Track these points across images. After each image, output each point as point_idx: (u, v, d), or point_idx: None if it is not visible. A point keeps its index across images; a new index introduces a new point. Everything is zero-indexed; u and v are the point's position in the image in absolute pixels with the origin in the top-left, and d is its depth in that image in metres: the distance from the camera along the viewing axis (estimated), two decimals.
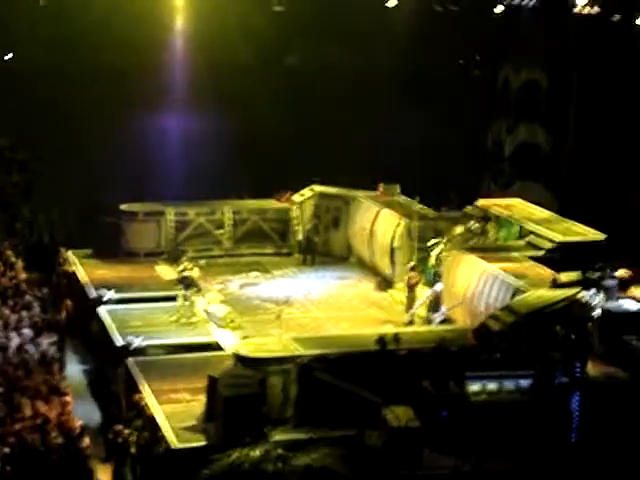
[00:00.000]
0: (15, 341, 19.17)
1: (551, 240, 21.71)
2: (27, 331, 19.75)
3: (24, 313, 20.82)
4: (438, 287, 21.46)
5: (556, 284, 19.00)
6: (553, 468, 15.76)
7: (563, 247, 21.48)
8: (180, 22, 32.90)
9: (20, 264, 23.71)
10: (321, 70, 32.93)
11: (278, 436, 15.92)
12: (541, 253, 21.43)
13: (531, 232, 22.38)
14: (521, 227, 23.00)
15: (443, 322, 20.97)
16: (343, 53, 33.49)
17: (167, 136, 30.14)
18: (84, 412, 18.02)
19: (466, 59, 36.59)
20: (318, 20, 34.88)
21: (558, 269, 19.65)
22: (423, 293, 22.02)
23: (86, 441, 15.92)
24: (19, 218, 27.86)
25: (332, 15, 34.57)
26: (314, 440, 15.30)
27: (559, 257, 21.17)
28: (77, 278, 23.65)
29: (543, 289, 18.87)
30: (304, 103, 31.89)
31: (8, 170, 30.46)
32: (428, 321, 20.98)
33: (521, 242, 22.46)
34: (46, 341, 19.68)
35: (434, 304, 21.22)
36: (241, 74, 31.66)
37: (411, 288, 22.34)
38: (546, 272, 19.94)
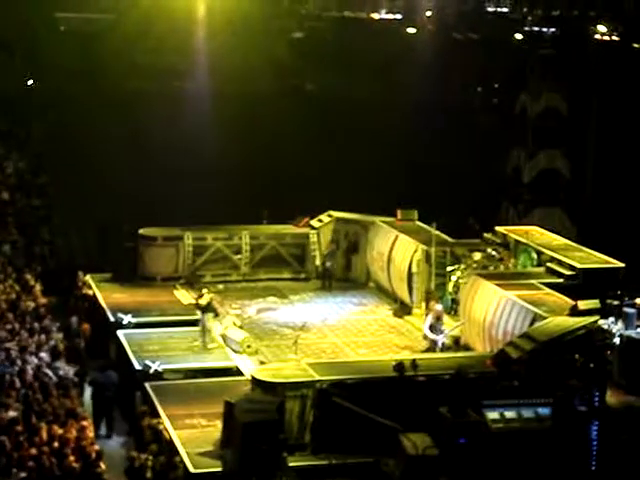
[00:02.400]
0: (33, 365, 19.21)
1: (570, 267, 21.62)
2: (45, 355, 19.79)
3: (43, 337, 20.87)
4: (439, 307, 21.35)
5: (575, 311, 18.89)
6: None
7: (582, 274, 21.39)
8: (201, 48, 33.14)
9: (38, 287, 23.80)
10: (339, 97, 33.07)
11: (295, 462, 15.87)
12: (560, 280, 21.34)
13: (549, 259, 22.29)
14: (539, 254, 22.92)
15: (449, 347, 20.87)
16: (361, 80, 33.62)
17: (189, 162, 30.25)
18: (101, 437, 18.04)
19: (485, 87, 36.67)
20: (337, 47, 35.10)
21: (577, 296, 19.54)
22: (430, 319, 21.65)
23: (102, 466, 15.88)
24: (38, 242, 28.01)
25: (351, 42, 34.77)
26: (332, 466, 15.24)
27: (578, 284, 21.08)
28: (95, 302, 23.71)
29: (562, 317, 18.76)
30: (323, 129, 32.01)
31: (28, 194, 30.69)
32: (434, 343, 20.86)
33: (540, 269, 22.38)
34: (64, 365, 19.70)
35: (435, 325, 21.05)
36: (260, 101, 31.82)
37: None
38: (565, 299, 19.84)
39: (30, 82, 33.87)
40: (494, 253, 23.70)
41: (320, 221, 27.26)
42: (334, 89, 33.39)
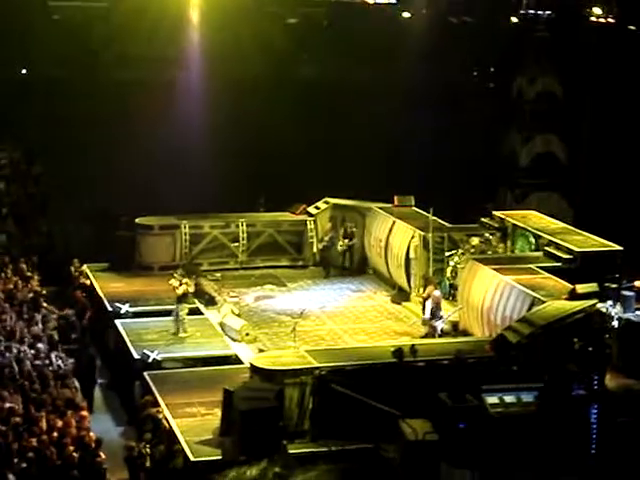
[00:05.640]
0: (31, 355, 19.17)
1: (568, 250, 21.59)
2: (43, 345, 19.75)
3: (40, 327, 20.83)
4: (437, 293, 21.34)
5: (573, 295, 18.88)
6: None
7: (580, 258, 21.36)
8: (194, 36, 32.95)
9: (36, 278, 23.75)
10: (335, 82, 32.90)
11: (295, 449, 15.87)
12: (558, 264, 21.31)
13: (547, 243, 22.28)
14: (537, 238, 22.89)
15: (447, 333, 20.87)
16: (356, 65, 33.45)
17: (183, 150, 30.14)
18: (100, 426, 18.02)
19: (480, 70, 36.52)
20: (331, 32, 34.91)
21: (575, 280, 19.52)
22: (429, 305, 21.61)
23: (102, 455, 15.87)
24: (35, 232, 27.93)
25: (345, 27, 34.58)
26: (331, 453, 15.24)
27: (576, 268, 21.06)
28: (93, 291, 23.67)
29: (560, 300, 18.74)
30: (318, 116, 31.87)
31: (23, 183, 30.58)
32: (433, 329, 20.86)
33: (538, 253, 22.35)
34: (62, 355, 19.68)
35: (435, 311, 21.04)
36: (255, 87, 31.66)
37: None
38: (563, 283, 19.83)
39: (24, 71, 33.70)
40: (491, 238, 23.68)
41: (317, 208, 27.21)
42: (329, 74, 33.23)
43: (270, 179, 29.18)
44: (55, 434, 15.95)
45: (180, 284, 21.38)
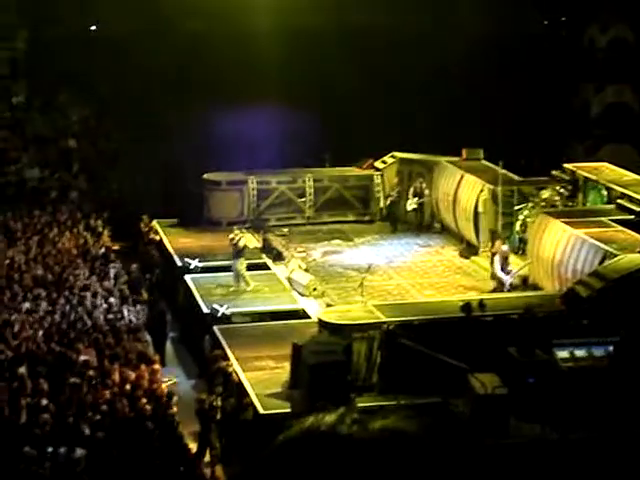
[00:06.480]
0: (103, 309, 19.52)
1: None
2: (114, 300, 20.09)
3: (112, 282, 21.18)
4: (505, 247, 21.08)
5: None
6: None
7: None
8: None
9: (107, 233, 24.10)
10: (390, 33, 32.27)
11: (363, 403, 15.93)
12: (631, 217, 20.90)
13: (619, 196, 21.84)
14: (609, 191, 22.45)
15: (516, 287, 20.63)
16: (412, 16, 32.71)
17: (250, 102, 30.06)
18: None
19: (552, 20, 35.69)
20: None
21: None
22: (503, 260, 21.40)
23: (174, 408, 16.14)
24: (105, 188, 28.28)
25: None
26: (400, 407, 15.27)
27: None
28: (163, 247, 23.94)
29: (633, 254, 18.40)
30: (379, 67, 31.41)
31: (93, 140, 30.93)
32: (500, 283, 20.63)
33: (610, 206, 21.93)
34: (134, 309, 20.00)
35: (503, 266, 20.79)
36: (312, 38, 31.25)
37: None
38: (636, 236, 19.45)
39: (93, 27, 33.91)
40: (562, 191, 23.28)
41: (384, 162, 27.01)
42: (384, 24, 32.59)
43: (335, 133, 28.97)
44: (128, 387, 16.25)
45: (239, 239, 21.44)
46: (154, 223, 25.01)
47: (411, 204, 25.69)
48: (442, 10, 32.57)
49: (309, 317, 19.48)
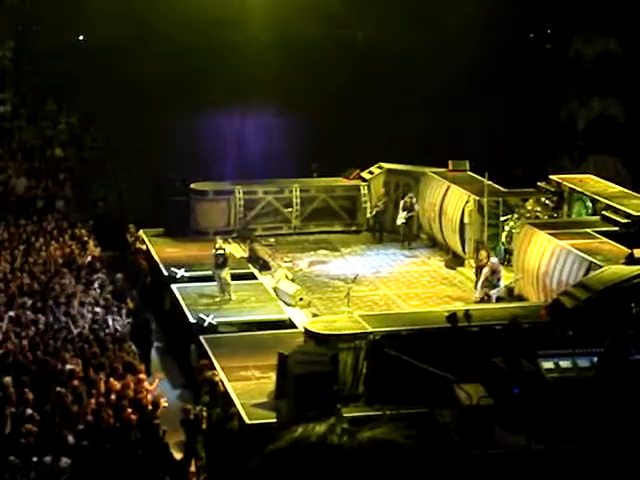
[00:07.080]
0: (89, 318, 19.47)
1: (626, 215, 21.26)
2: (100, 309, 20.05)
3: (98, 291, 21.14)
4: (495, 260, 21.16)
5: (631, 260, 18.61)
6: (628, 447, 15.48)
7: (638, 222, 21.03)
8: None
9: (92, 242, 24.06)
10: (390, 48, 32.51)
11: (349, 413, 15.93)
12: (615, 228, 21.02)
13: (604, 207, 21.96)
14: (594, 202, 22.57)
15: (502, 298, 20.71)
16: (409, 31, 32.99)
17: (239, 113, 30.11)
18: (157, 389, 18.23)
19: (537, 32, 35.90)
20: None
21: (633, 245, 19.24)
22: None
23: (159, 418, 16.10)
24: (91, 197, 28.22)
25: None
26: (386, 417, 15.28)
27: (634, 232, 20.74)
28: (149, 256, 23.91)
29: (617, 265, 18.51)
30: (373, 81, 31.60)
31: (80, 149, 30.89)
32: (487, 296, 20.71)
33: (595, 217, 22.06)
34: (119, 318, 19.96)
35: (491, 279, 20.86)
36: (310, 52, 31.47)
37: (480, 269, 21.94)
38: (620, 248, 19.56)
39: (81, 37, 33.92)
40: (548, 202, 23.40)
41: (371, 173, 27.09)
42: (384, 39, 32.86)
43: (324, 144, 29.06)
44: (113, 396, 16.21)
45: (222, 249, 21.40)
46: (140, 232, 24.98)
47: (400, 218, 25.69)
48: (429, 25, 32.77)
49: (295, 327, 19.49)
